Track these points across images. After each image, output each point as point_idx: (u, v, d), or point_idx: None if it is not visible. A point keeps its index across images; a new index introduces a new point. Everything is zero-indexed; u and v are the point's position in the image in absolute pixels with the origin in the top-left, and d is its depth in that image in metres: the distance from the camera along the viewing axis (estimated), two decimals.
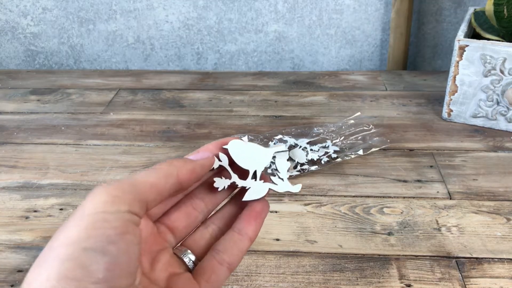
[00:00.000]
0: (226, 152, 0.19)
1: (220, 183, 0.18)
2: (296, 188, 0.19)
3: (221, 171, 0.19)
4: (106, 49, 0.59)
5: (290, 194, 0.34)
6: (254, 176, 0.19)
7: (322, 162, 0.36)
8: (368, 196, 0.33)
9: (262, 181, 0.19)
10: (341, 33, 0.56)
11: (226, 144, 0.19)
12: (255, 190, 0.18)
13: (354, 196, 0.33)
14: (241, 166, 0.18)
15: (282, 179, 0.19)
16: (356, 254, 0.29)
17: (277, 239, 0.30)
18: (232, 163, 0.19)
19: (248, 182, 0.18)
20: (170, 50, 0.59)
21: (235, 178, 0.19)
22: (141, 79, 0.54)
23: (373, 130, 0.41)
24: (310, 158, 0.36)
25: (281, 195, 0.33)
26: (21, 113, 0.48)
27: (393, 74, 0.53)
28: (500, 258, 0.28)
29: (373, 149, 0.38)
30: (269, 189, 0.18)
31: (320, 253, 0.29)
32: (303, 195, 0.34)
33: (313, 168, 0.36)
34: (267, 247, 0.29)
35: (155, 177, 0.15)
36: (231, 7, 0.56)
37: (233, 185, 0.19)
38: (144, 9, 0.57)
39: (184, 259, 0.18)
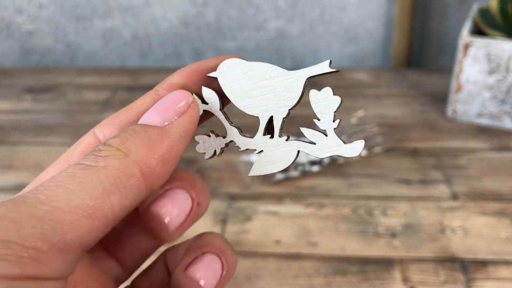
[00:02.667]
0: (214, 85, 0.10)
1: (207, 145, 0.10)
2: (354, 148, 0.10)
3: (203, 121, 0.11)
4: (103, 46, 0.58)
5: (290, 196, 0.33)
6: (269, 128, 0.10)
7: (323, 163, 0.36)
8: (371, 197, 0.33)
9: (285, 137, 0.10)
10: (343, 30, 0.55)
11: (214, 68, 0.10)
12: (272, 156, 0.10)
13: (356, 197, 0.33)
14: (243, 110, 0.10)
15: (324, 132, 0.10)
16: (358, 257, 0.28)
17: (278, 241, 0.29)
18: (225, 104, 0.11)
19: (259, 141, 0.10)
20: (168, 47, 0.58)
21: (233, 134, 0.10)
22: (138, 77, 0.53)
23: (375, 130, 0.40)
24: (311, 159, 0.36)
25: (280, 195, 0.33)
26: (16, 112, 0.47)
27: (397, 72, 0.53)
28: (506, 260, 0.27)
29: (376, 149, 0.38)
30: (299, 153, 0.10)
31: (322, 255, 0.28)
32: (304, 196, 0.33)
33: (315, 168, 0.35)
34: (268, 249, 0.28)
35: (89, 195, 0.08)
36: (230, 3, 0.55)
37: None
38: (142, 5, 0.56)
39: None
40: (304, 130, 0.10)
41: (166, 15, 0.56)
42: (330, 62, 0.11)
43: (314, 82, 0.11)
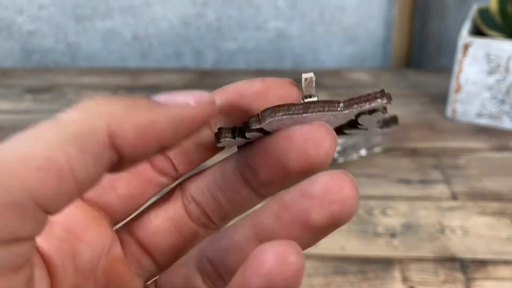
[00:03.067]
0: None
1: (229, 140, 0.09)
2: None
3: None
4: (103, 47, 0.58)
5: None
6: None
7: None
8: (371, 197, 0.33)
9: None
10: (343, 30, 0.55)
11: (257, 92, 0.09)
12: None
13: None
14: None
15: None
16: (358, 256, 0.28)
17: None
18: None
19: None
20: (168, 48, 0.58)
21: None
22: (138, 78, 0.53)
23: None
24: None
25: None
26: (17, 112, 0.47)
27: (396, 72, 0.53)
28: (505, 260, 0.27)
29: (376, 149, 0.38)
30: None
31: (321, 255, 0.28)
32: None
33: None
34: None
35: (43, 145, 0.07)
36: (230, 3, 0.55)
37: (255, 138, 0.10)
38: (142, 6, 0.56)
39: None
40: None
41: (166, 15, 0.56)
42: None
43: (315, 82, 0.11)
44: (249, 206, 0.11)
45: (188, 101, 0.09)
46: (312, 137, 0.09)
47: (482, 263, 0.27)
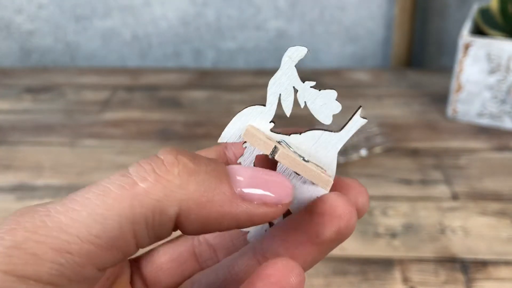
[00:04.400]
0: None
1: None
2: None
3: None
4: (103, 46, 0.58)
5: None
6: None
7: None
8: (371, 197, 0.33)
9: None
10: (344, 30, 0.55)
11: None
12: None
13: None
14: None
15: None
16: (359, 257, 0.28)
17: None
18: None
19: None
20: (167, 47, 0.58)
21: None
22: (138, 77, 0.53)
23: (376, 130, 0.40)
24: None
25: None
26: (16, 112, 0.47)
27: (397, 72, 0.53)
28: (506, 260, 0.27)
29: (376, 149, 0.38)
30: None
31: None
32: None
33: None
34: None
35: (114, 223, 0.08)
36: (230, 3, 0.55)
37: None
38: (141, 5, 0.56)
39: None
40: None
41: (165, 15, 0.56)
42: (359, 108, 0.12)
43: (315, 82, 0.12)
44: None
45: (268, 196, 0.09)
46: (343, 212, 0.09)
47: (483, 264, 0.27)
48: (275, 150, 0.10)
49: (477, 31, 0.41)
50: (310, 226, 0.10)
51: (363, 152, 0.37)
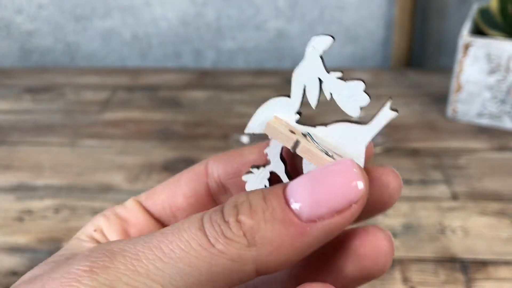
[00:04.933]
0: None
1: (253, 180, 0.11)
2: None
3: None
4: (103, 46, 0.58)
5: None
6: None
7: None
8: None
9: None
10: (344, 30, 0.55)
11: None
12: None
13: None
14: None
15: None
16: None
17: None
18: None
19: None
20: (167, 47, 0.58)
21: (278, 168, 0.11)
22: (138, 77, 0.53)
23: None
24: None
25: None
26: (16, 112, 0.47)
27: (397, 72, 0.53)
28: (506, 261, 0.27)
29: (376, 149, 0.38)
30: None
31: None
32: None
33: None
34: None
35: (193, 280, 0.08)
36: (230, 3, 0.55)
37: None
38: (141, 5, 0.56)
39: None
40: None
41: (165, 15, 0.56)
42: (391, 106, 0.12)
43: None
44: None
45: (335, 207, 0.08)
46: (371, 252, 0.09)
47: (483, 264, 0.27)
48: (296, 144, 0.10)
49: (477, 31, 0.41)
50: (334, 260, 0.10)
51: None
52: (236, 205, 0.09)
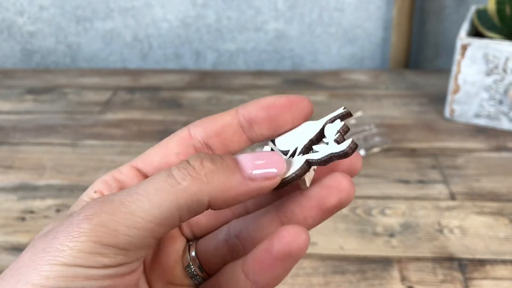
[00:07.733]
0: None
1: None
2: (343, 145, 0.12)
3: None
4: (104, 47, 0.59)
5: None
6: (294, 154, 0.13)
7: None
8: (370, 197, 0.33)
9: (301, 154, 0.13)
10: (342, 31, 0.55)
11: (285, 105, 0.13)
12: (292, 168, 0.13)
13: (355, 197, 0.33)
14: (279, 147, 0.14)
15: (327, 143, 0.13)
16: (357, 256, 0.28)
17: None
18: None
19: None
20: (168, 48, 0.58)
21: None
22: (139, 78, 0.54)
23: (374, 130, 0.40)
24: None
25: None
26: (17, 113, 0.47)
27: (395, 73, 0.53)
28: (503, 260, 0.28)
29: (375, 150, 0.38)
30: (307, 162, 0.13)
31: (320, 255, 0.28)
32: None
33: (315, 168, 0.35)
34: None
35: (166, 209, 0.11)
36: (230, 5, 0.55)
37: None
38: (142, 7, 0.56)
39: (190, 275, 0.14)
40: (316, 146, 0.14)
41: (166, 17, 0.57)
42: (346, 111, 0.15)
43: (314, 83, 0.13)
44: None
45: (269, 173, 0.12)
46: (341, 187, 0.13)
47: (481, 263, 0.27)
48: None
49: (475, 33, 0.42)
50: (320, 196, 0.13)
51: (362, 152, 0.37)
52: (199, 156, 0.12)
